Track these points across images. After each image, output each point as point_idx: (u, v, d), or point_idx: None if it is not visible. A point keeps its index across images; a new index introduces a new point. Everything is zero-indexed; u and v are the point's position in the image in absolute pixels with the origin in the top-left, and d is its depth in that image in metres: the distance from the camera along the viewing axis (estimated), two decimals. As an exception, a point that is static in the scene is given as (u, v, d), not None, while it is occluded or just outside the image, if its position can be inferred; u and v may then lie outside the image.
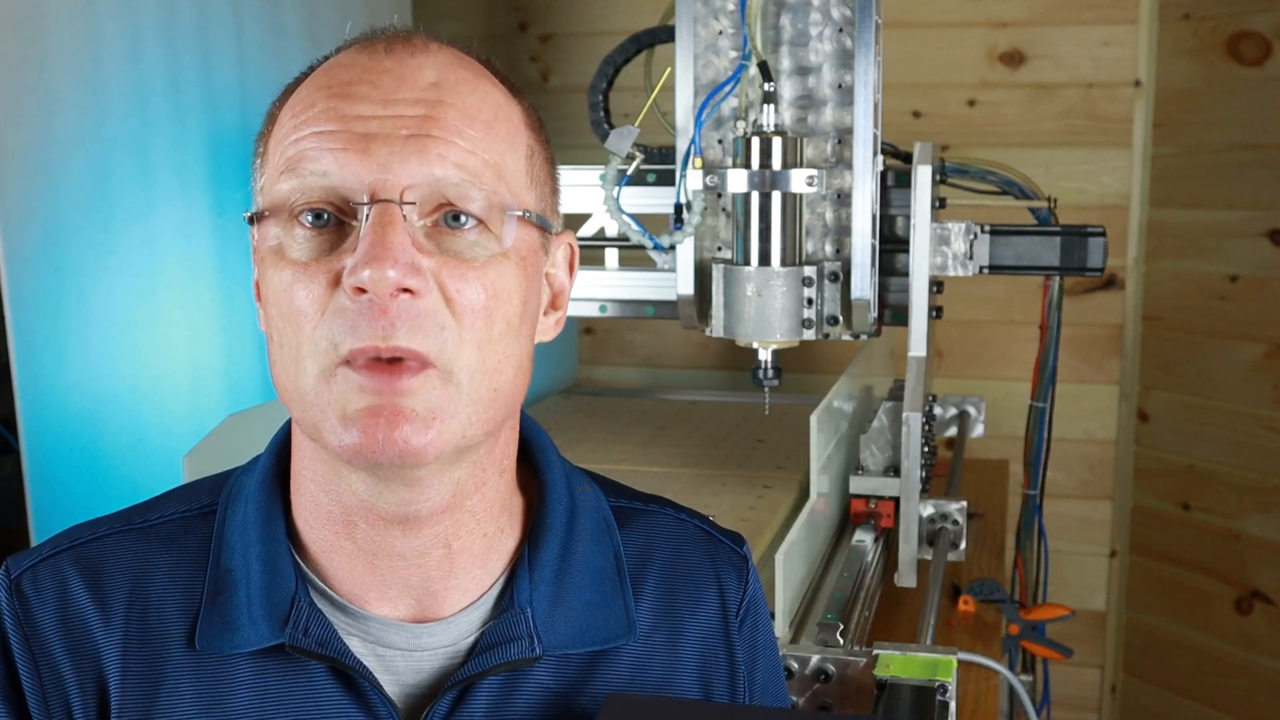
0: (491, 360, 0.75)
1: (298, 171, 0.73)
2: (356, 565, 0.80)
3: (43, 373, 1.54)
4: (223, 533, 0.82)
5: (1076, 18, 2.52)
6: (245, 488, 0.84)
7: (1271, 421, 2.36)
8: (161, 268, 1.71)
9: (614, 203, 1.55)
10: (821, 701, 1.22)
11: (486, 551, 0.82)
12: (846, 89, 1.54)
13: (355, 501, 0.78)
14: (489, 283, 0.74)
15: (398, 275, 0.70)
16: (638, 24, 1.68)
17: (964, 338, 2.64)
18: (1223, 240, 2.42)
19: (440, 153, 0.73)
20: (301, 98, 0.77)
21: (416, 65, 0.76)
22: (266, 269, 0.75)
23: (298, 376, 0.74)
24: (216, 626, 0.79)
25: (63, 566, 0.81)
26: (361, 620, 0.80)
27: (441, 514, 0.78)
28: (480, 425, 0.76)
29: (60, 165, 1.56)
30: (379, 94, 0.74)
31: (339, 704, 0.78)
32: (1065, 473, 2.63)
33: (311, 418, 0.74)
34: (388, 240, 0.70)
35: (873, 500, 1.58)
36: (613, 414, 2.20)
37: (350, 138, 0.73)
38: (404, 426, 0.71)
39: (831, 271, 1.56)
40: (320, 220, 0.73)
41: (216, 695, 0.78)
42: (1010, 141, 2.58)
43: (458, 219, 0.74)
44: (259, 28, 1.91)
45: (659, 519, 0.92)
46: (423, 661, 0.81)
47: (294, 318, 0.73)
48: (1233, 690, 2.47)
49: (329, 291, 0.72)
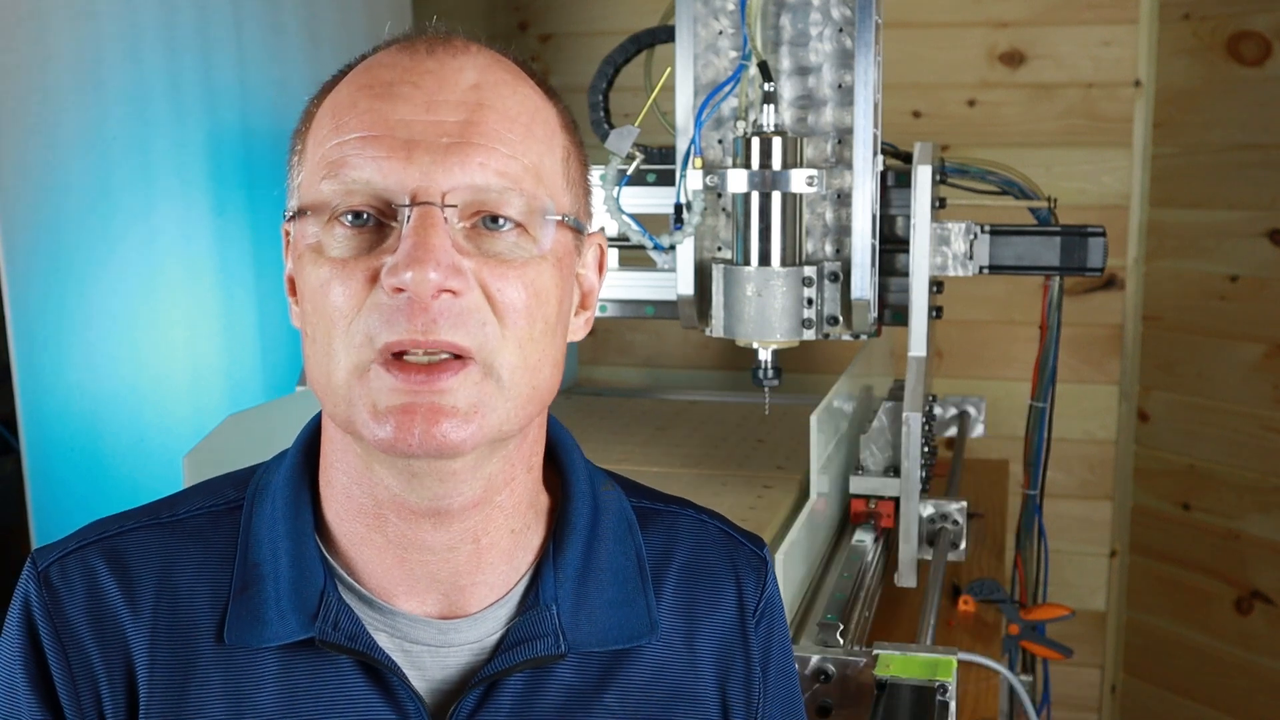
0: (532, 358, 0.76)
1: (340, 176, 0.74)
2: (386, 559, 0.80)
3: (43, 373, 1.54)
4: (249, 527, 0.83)
5: (1076, 18, 2.53)
6: (272, 483, 0.85)
7: (1271, 421, 2.37)
8: (161, 268, 1.71)
9: (614, 203, 1.55)
10: (822, 701, 1.22)
11: (514, 548, 0.83)
12: (846, 89, 1.54)
13: (387, 495, 0.78)
14: (529, 282, 0.75)
15: (439, 277, 0.71)
16: (638, 24, 1.68)
17: (964, 338, 2.64)
18: (1223, 240, 2.42)
19: (481, 161, 0.74)
20: (342, 97, 0.77)
21: (458, 67, 0.77)
22: (304, 265, 0.76)
23: (330, 371, 0.74)
24: (245, 621, 0.79)
25: (90, 559, 0.82)
26: (389, 615, 0.81)
27: (472, 509, 0.79)
28: (517, 421, 0.77)
29: (60, 165, 1.56)
30: (421, 95, 0.75)
31: (367, 698, 0.79)
32: (1065, 473, 2.63)
33: (344, 412, 0.75)
34: (430, 242, 0.71)
35: (873, 500, 1.58)
36: (613, 414, 2.20)
37: (393, 144, 0.73)
38: (444, 423, 0.72)
39: (831, 271, 1.56)
40: (360, 220, 0.74)
41: (245, 689, 0.79)
42: (1010, 141, 2.58)
43: (496, 221, 0.75)
44: (259, 28, 1.91)
45: (680, 520, 0.93)
46: (449, 657, 0.81)
47: (329, 313, 0.74)
48: (1233, 690, 2.47)
49: (366, 288, 0.73)
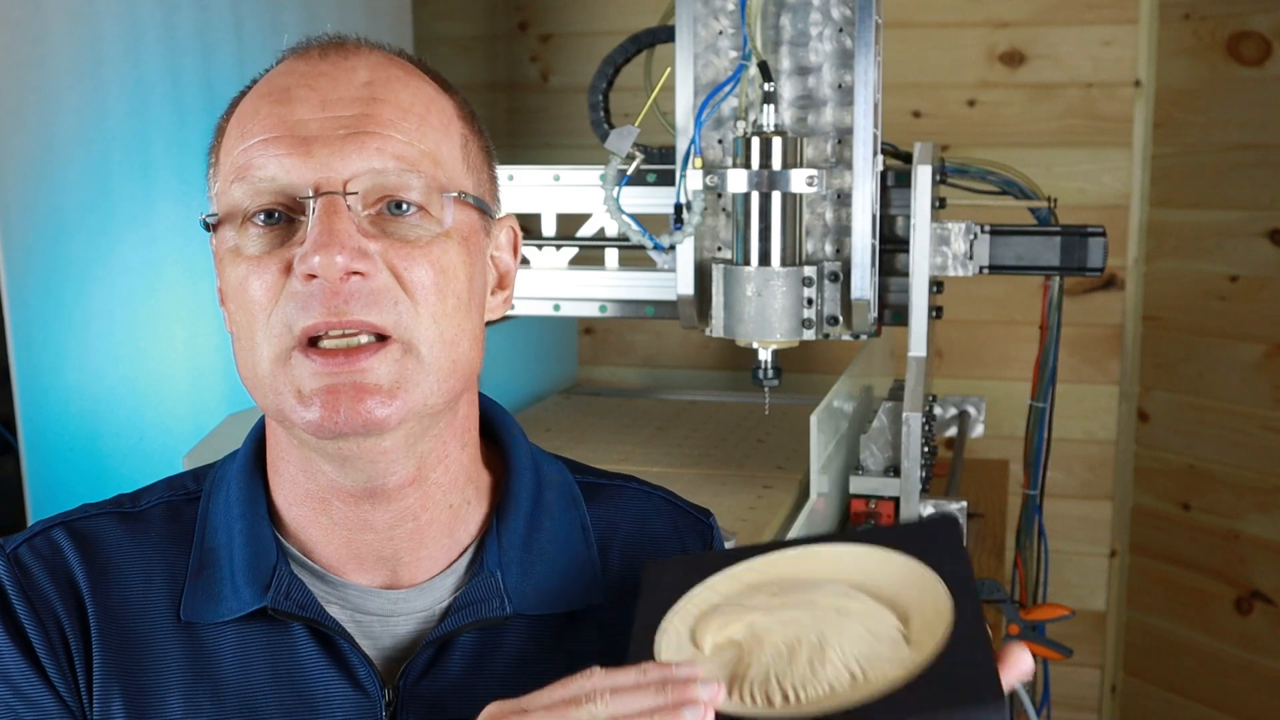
0: (449, 332, 0.79)
1: (247, 179, 0.78)
2: (333, 539, 0.84)
3: (42, 372, 1.54)
4: (206, 515, 0.87)
5: (1076, 18, 2.52)
6: (227, 474, 0.89)
7: (1271, 421, 2.36)
8: (161, 268, 1.71)
9: (614, 203, 1.55)
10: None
11: (453, 522, 0.86)
12: (846, 89, 1.54)
13: (326, 481, 0.82)
14: (434, 260, 0.79)
15: (346, 260, 0.74)
16: (638, 24, 1.68)
17: (964, 338, 2.64)
18: (1223, 240, 2.42)
19: (378, 146, 0.78)
20: (246, 108, 0.81)
21: (350, 67, 0.81)
22: (225, 268, 0.80)
23: (255, 362, 0.78)
24: (201, 599, 0.83)
25: (55, 537, 0.86)
26: (339, 588, 0.84)
27: (408, 486, 0.82)
28: (441, 395, 0.80)
29: (60, 165, 1.56)
30: (317, 96, 0.79)
31: (319, 664, 0.82)
32: (1065, 473, 2.63)
33: (273, 401, 0.78)
34: (334, 228, 0.75)
35: (873, 500, 1.58)
36: (613, 414, 2.20)
37: (293, 142, 0.77)
38: (368, 400, 0.75)
39: (831, 271, 1.56)
40: (272, 219, 0.78)
41: (202, 662, 0.82)
42: (1010, 141, 2.58)
43: (400, 206, 0.79)
44: (259, 28, 1.91)
45: (625, 492, 0.96)
46: (399, 626, 0.84)
47: (249, 307, 0.77)
48: (1233, 690, 2.47)
49: (281, 279, 0.76)
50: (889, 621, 0.74)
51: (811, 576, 0.79)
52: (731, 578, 0.81)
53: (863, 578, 0.78)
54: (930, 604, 0.74)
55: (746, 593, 0.79)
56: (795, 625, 0.73)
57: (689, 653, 0.74)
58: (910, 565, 0.79)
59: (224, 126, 0.84)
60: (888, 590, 0.77)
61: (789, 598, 0.76)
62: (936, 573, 0.77)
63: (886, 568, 0.79)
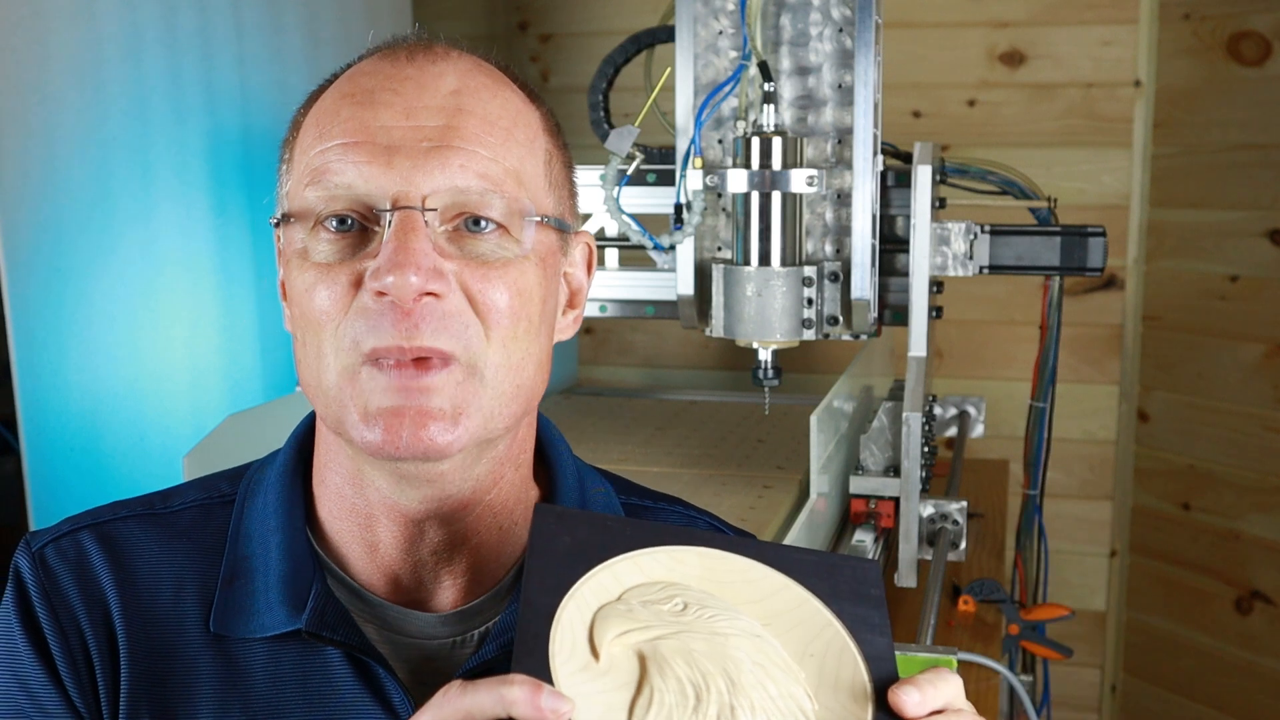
0: (515, 357, 0.77)
1: (323, 183, 0.75)
2: (375, 557, 0.81)
3: (43, 372, 1.54)
4: (240, 521, 0.84)
5: (1076, 18, 2.53)
6: (265, 479, 0.86)
7: (1271, 421, 2.36)
8: (161, 268, 1.71)
9: (614, 203, 1.55)
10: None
11: (501, 544, 0.84)
12: (846, 89, 1.54)
13: (377, 496, 0.79)
14: (511, 283, 0.76)
15: (420, 281, 0.72)
16: (638, 24, 1.68)
17: (964, 338, 2.64)
18: (1223, 240, 2.42)
19: (462, 163, 0.75)
20: (326, 106, 0.78)
21: (437, 72, 0.77)
22: (291, 271, 0.77)
23: (320, 373, 0.76)
24: (232, 611, 0.80)
25: (83, 540, 0.83)
26: (378, 608, 0.82)
27: (461, 510, 0.80)
28: (502, 420, 0.78)
29: (60, 166, 1.56)
30: (401, 102, 0.76)
31: (353, 688, 0.80)
32: (1065, 473, 2.63)
33: (335, 414, 0.76)
34: (410, 246, 0.72)
35: (873, 500, 1.58)
36: (613, 414, 2.20)
37: (374, 150, 0.74)
38: (430, 426, 0.73)
39: (831, 271, 1.56)
40: (344, 225, 0.75)
41: (232, 677, 0.80)
42: (1010, 141, 2.58)
43: (478, 223, 0.76)
44: (259, 28, 1.91)
45: (670, 516, 0.94)
46: (435, 650, 0.82)
47: (316, 317, 0.75)
48: (1233, 690, 2.47)
49: (351, 292, 0.74)
50: (799, 694, 0.70)
51: (721, 595, 0.74)
52: (636, 567, 0.74)
53: (770, 620, 0.73)
54: (844, 675, 0.71)
55: (650, 592, 0.72)
56: (703, 665, 0.68)
57: (583, 659, 0.68)
58: (824, 619, 0.73)
59: (300, 121, 0.81)
60: (796, 645, 0.72)
61: (698, 621, 0.71)
62: (849, 633, 0.73)
63: (800, 613, 0.74)
